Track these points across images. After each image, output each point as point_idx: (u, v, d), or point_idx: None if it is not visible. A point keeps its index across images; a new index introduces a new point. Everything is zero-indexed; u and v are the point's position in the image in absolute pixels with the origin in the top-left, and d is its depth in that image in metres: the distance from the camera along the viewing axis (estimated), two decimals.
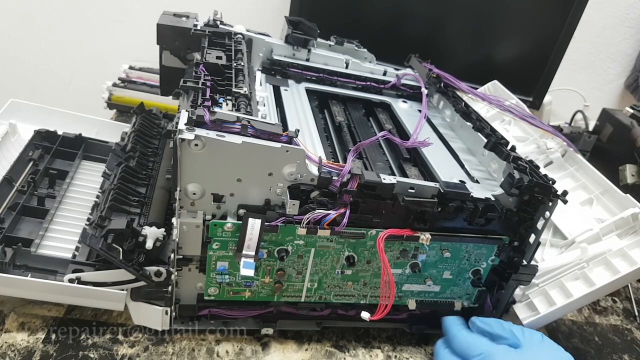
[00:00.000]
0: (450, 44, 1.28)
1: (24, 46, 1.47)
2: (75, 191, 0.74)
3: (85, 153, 0.81)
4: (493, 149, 0.64)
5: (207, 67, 0.62)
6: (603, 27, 1.47)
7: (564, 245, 0.79)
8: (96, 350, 0.57)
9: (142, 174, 0.71)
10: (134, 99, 1.04)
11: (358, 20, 1.21)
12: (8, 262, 0.57)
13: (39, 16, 1.42)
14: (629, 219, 0.73)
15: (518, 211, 0.60)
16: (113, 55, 1.31)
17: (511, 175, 0.58)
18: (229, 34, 0.75)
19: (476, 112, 0.74)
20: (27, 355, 0.56)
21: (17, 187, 0.69)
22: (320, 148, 0.63)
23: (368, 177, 0.54)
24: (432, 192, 0.56)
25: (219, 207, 0.54)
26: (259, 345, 0.62)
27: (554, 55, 1.24)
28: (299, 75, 0.80)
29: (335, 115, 0.76)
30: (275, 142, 0.51)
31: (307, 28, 0.81)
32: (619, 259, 0.68)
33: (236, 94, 0.58)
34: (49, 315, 0.61)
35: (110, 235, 0.57)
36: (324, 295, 0.62)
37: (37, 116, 0.83)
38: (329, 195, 0.54)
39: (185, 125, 0.49)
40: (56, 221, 0.67)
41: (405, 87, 0.85)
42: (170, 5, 0.83)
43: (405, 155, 0.68)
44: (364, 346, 0.65)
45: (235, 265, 0.56)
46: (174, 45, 0.76)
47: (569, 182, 0.88)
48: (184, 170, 0.50)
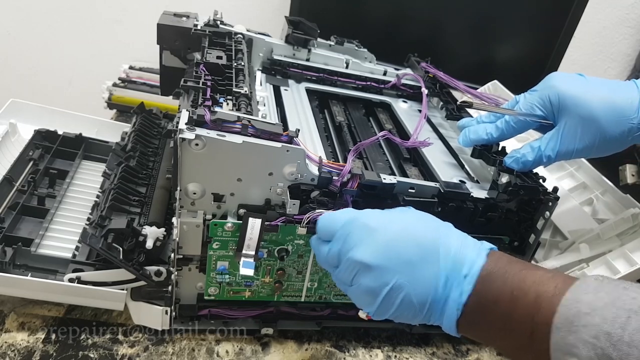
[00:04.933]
0: (450, 44, 1.28)
1: (24, 46, 1.47)
2: (76, 191, 0.74)
3: (86, 153, 0.81)
4: (480, 156, 0.64)
5: (208, 67, 0.62)
6: (603, 27, 1.48)
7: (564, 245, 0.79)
8: (96, 350, 0.57)
9: (142, 173, 0.71)
10: (134, 99, 1.03)
11: (358, 20, 1.21)
12: (8, 262, 0.57)
13: (39, 16, 1.42)
14: (629, 219, 0.73)
15: (518, 211, 0.60)
16: (113, 55, 1.31)
17: (495, 182, 0.58)
18: (229, 34, 0.75)
19: (468, 113, 0.74)
20: (27, 355, 0.56)
21: (17, 186, 0.69)
22: (321, 148, 0.63)
23: (368, 177, 0.54)
24: (432, 192, 0.56)
25: (219, 206, 0.54)
26: (259, 345, 0.62)
27: (554, 55, 1.24)
28: (299, 75, 0.81)
29: (336, 115, 0.76)
30: (275, 142, 0.51)
31: (307, 28, 0.81)
32: (619, 259, 0.68)
33: (236, 94, 0.58)
34: (49, 315, 0.61)
35: (111, 234, 0.57)
36: (324, 295, 0.62)
37: (37, 116, 0.82)
38: (329, 195, 0.54)
39: (186, 125, 0.49)
40: (56, 221, 0.67)
41: (405, 87, 0.85)
42: (170, 5, 0.83)
43: (405, 155, 0.68)
44: (364, 346, 0.65)
45: (235, 265, 0.56)
46: (174, 45, 0.76)
47: (569, 182, 0.88)
48: (185, 169, 0.50)
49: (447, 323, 0.45)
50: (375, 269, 0.45)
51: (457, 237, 0.47)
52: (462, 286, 0.44)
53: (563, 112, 0.57)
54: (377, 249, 0.45)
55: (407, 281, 0.44)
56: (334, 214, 0.51)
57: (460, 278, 0.44)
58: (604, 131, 0.55)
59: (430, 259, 0.45)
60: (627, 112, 0.55)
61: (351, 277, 0.47)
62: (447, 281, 0.44)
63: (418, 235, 0.46)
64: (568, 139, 0.57)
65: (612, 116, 0.55)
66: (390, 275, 0.44)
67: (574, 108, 0.56)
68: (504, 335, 0.42)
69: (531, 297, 0.40)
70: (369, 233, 0.46)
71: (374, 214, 0.48)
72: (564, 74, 0.60)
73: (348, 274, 0.47)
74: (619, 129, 0.55)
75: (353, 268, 0.46)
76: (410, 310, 0.45)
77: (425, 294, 0.44)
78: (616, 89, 0.56)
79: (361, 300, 0.48)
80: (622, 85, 0.57)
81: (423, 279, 0.44)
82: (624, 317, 0.34)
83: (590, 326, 0.35)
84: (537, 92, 0.60)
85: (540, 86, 0.61)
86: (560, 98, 0.57)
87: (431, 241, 0.45)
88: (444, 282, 0.44)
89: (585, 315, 0.35)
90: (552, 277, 0.41)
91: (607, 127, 0.55)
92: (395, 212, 0.49)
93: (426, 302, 0.44)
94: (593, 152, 0.57)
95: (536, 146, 0.58)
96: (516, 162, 0.58)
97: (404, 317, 0.46)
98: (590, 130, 0.55)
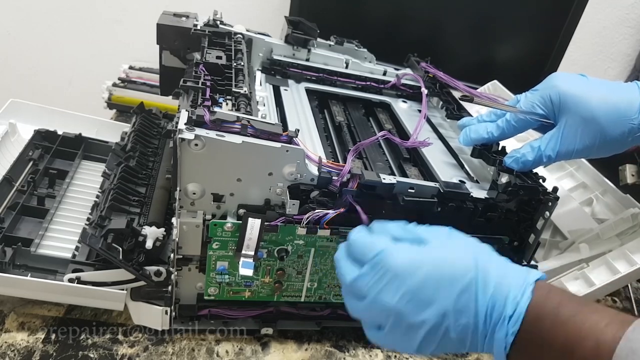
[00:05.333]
0: (450, 44, 1.28)
1: (24, 46, 1.47)
2: (75, 191, 0.74)
3: (85, 153, 0.81)
4: (480, 156, 0.64)
5: (207, 67, 0.62)
6: (603, 27, 1.47)
7: (563, 245, 0.79)
8: (96, 350, 0.57)
9: (142, 173, 0.71)
10: (134, 99, 1.03)
11: (358, 20, 1.21)
12: (8, 262, 0.57)
13: (39, 16, 1.42)
14: (628, 219, 0.73)
15: (517, 211, 0.60)
16: (113, 55, 1.31)
17: (494, 182, 0.58)
18: (229, 34, 0.75)
19: (468, 113, 0.74)
20: (27, 355, 0.56)
21: (17, 186, 0.69)
22: (320, 148, 0.63)
23: (368, 177, 0.54)
24: (431, 192, 0.56)
25: (218, 206, 0.54)
26: (258, 345, 0.62)
27: (554, 55, 1.24)
28: (298, 75, 0.80)
29: (335, 115, 0.76)
30: (275, 142, 0.51)
31: (307, 28, 0.81)
32: (619, 259, 0.68)
33: (236, 94, 0.58)
34: (48, 315, 0.61)
35: (110, 235, 0.57)
36: (324, 295, 0.62)
37: (37, 116, 0.82)
38: (328, 195, 0.54)
39: (185, 125, 0.49)
40: (56, 221, 0.67)
41: (405, 87, 0.85)
42: (170, 5, 0.83)
43: (405, 155, 0.68)
44: (364, 346, 0.65)
45: (235, 265, 0.56)
46: (174, 45, 0.76)
47: (569, 182, 0.88)
48: (184, 170, 0.50)
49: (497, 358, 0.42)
50: (408, 315, 0.43)
51: (497, 266, 0.43)
52: (506, 328, 0.40)
53: (564, 111, 0.57)
54: (408, 293, 0.43)
55: (443, 325, 0.42)
56: (371, 239, 0.47)
57: (503, 318, 0.41)
58: (605, 131, 0.55)
59: (468, 301, 0.42)
60: (627, 112, 0.54)
61: (381, 321, 0.45)
62: (489, 320, 0.41)
63: (455, 274, 0.43)
64: (568, 139, 0.57)
65: (612, 117, 0.55)
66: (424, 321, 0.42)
67: (574, 108, 0.56)
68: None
69: (589, 346, 0.37)
70: (401, 274, 0.43)
71: (410, 250, 0.45)
72: (566, 74, 0.60)
73: (377, 319, 0.45)
74: (619, 129, 0.55)
75: (383, 313, 0.44)
76: (452, 347, 0.43)
77: (465, 334, 0.42)
78: (617, 90, 0.56)
79: (397, 343, 0.45)
80: (624, 86, 0.57)
81: (462, 319, 0.42)
82: None
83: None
84: (538, 92, 0.60)
85: (541, 85, 0.61)
86: (562, 98, 0.57)
87: (468, 279, 0.42)
88: (484, 321, 0.42)
89: None
90: (610, 321, 0.38)
91: (607, 127, 0.55)
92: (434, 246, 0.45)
93: (467, 340, 0.42)
94: (593, 153, 0.57)
95: (536, 146, 0.58)
96: (516, 162, 0.58)
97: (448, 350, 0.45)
98: (591, 130, 0.55)
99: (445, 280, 0.42)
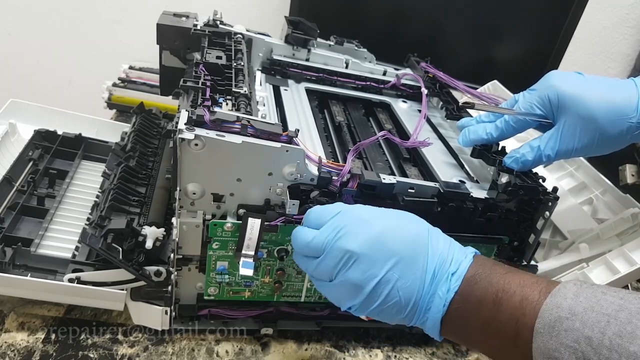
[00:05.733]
0: (450, 44, 1.28)
1: (24, 46, 1.47)
2: (75, 191, 0.74)
3: (85, 153, 0.81)
4: (480, 156, 0.64)
5: (207, 67, 0.62)
6: (603, 27, 1.47)
7: (563, 245, 0.79)
8: (96, 350, 0.57)
9: (142, 173, 0.71)
10: (134, 99, 1.03)
11: (358, 20, 1.21)
12: (8, 262, 0.57)
13: (39, 16, 1.42)
14: (628, 219, 0.73)
15: (517, 211, 0.60)
16: (113, 55, 1.31)
17: (494, 182, 0.58)
18: (229, 34, 0.75)
19: (468, 113, 0.74)
20: (27, 355, 0.56)
21: (17, 186, 0.69)
22: (320, 148, 0.63)
23: (368, 177, 0.54)
24: (431, 192, 0.56)
25: (218, 206, 0.54)
26: (258, 345, 0.62)
27: (554, 55, 1.24)
28: (298, 75, 0.80)
29: (335, 115, 0.76)
30: (275, 142, 0.51)
31: (307, 28, 0.81)
32: (619, 259, 0.68)
33: (236, 94, 0.58)
34: (48, 315, 0.61)
35: (110, 235, 0.57)
36: (324, 295, 0.62)
37: (37, 116, 0.82)
38: (328, 195, 0.54)
39: (185, 125, 0.49)
40: (56, 221, 0.67)
41: (405, 87, 0.85)
42: (170, 5, 0.83)
43: (405, 155, 0.68)
44: (364, 346, 0.65)
45: (235, 265, 0.56)
46: (174, 45, 0.76)
47: (568, 182, 0.88)
48: (184, 170, 0.50)
49: (431, 321, 0.45)
50: (364, 260, 0.45)
51: (444, 238, 0.48)
52: (449, 283, 0.44)
53: (562, 111, 0.57)
54: (368, 239, 0.45)
55: (395, 274, 0.44)
56: (326, 205, 0.50)
57: (447, 275, 0.44)
58: (603, 130, 0.55)
59: (419, 255, 0.45)
60: (626, 111, 0.55)
61: (336, 268, 0.46)
62: (435, 277, 0.45)
63: (410, 231, 0.46)
64: (567, 138, 0.57)
65: (611, 115, 0.55)
66: (378, 267, 0.44)
67: (573, 107, 0.56)
68: (487, 336, 0.42)
69: (516, 300, 0.40)
70: (361, 224, 0.46)
71: (367, 207, 0.49)
72: (563, 72, 0.60)
73: (333, 265, 0.46)
74: (618, 127, 0.55)
75: (340, 258, 0.45)
76: (395, 305, 0.45)
77: (412, 289, 0.44)
78: (615, 88, 0.56)
79: (343, 295, 0.47)
80: (621, 83, 0.57)
81: (411, 274, 0.44)
82: (603, 321, 0.34)
83: (571, 331, 0.35)
84: (536, 91, 0.60)
85: (539, 85, 0.61)
86: (560, 97, 0.57)
87: (421, 238, 0.46)
88: (432, 277, 0.44)
89: (565, 319, 0.36)
90: (536, 281, 0.41)
91: (606, 125, 0.55)
92: (389, 210, 0.49)
93: (412, 297, 0.44)
94: (592, 151, 0.57)
95: (535, 145, 0.58)
96: (516, 162, 0.58)
97: (386, 314, 0.46)
98: (590, 129, 0.56)
99: (403, 231, 0.46)
